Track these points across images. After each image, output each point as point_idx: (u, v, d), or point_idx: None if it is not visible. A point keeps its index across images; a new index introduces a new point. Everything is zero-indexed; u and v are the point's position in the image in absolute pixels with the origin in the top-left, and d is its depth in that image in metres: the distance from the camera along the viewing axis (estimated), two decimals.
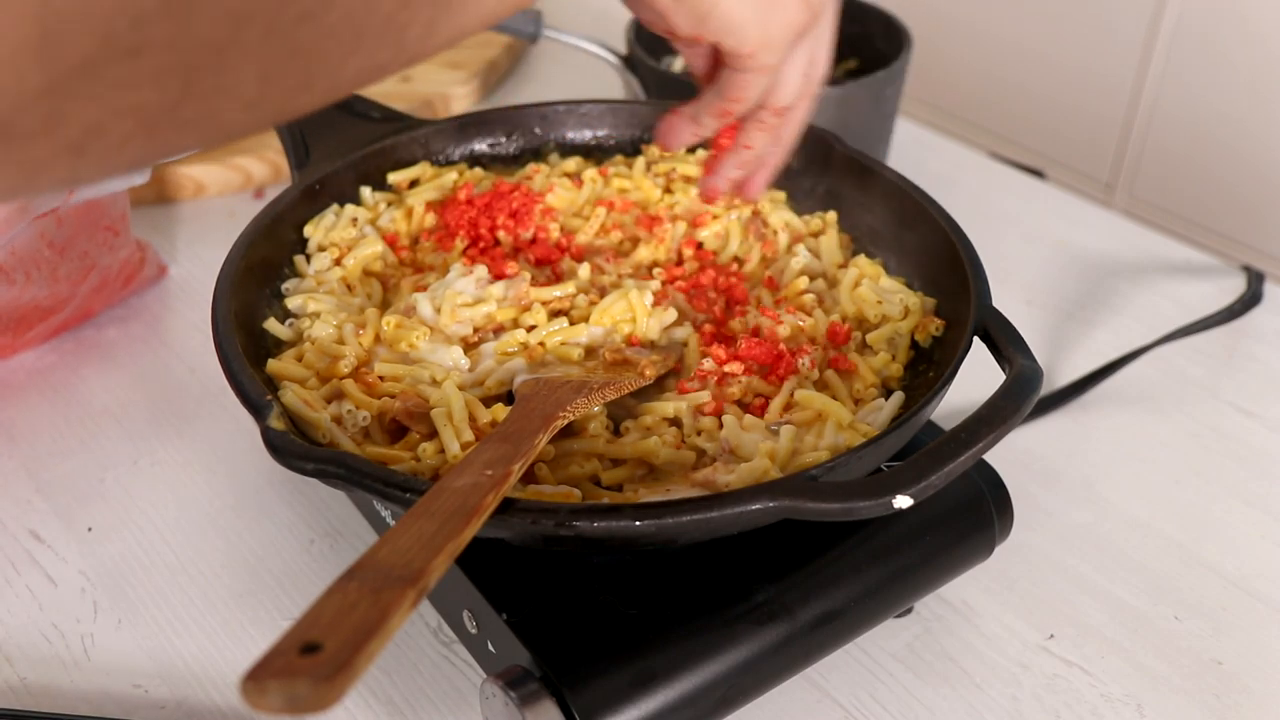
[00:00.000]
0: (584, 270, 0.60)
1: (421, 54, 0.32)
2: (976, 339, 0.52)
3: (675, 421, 0.53)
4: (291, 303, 0.59)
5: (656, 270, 0.62)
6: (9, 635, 0.57)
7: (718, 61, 0.48)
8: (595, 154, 0.72)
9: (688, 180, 0.68)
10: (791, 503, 0.42)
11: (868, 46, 0.94)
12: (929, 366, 0.56)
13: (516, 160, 0.71)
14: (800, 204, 0.68)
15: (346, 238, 0.62)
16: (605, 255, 0.64)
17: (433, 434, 0.50)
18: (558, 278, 0.62)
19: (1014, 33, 1.23)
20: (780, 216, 0.65)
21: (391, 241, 0.64)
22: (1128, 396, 0.74)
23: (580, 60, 1.08)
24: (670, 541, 0.48)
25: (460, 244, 0.63)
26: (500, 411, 0.52)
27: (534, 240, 0.64)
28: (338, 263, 0.61)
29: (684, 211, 0.66)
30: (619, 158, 0.71)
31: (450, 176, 0.67)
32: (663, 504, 0.42)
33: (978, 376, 0.55)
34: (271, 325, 0.57)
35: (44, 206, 0.64)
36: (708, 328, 0.59)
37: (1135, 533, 0.64)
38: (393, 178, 0.67)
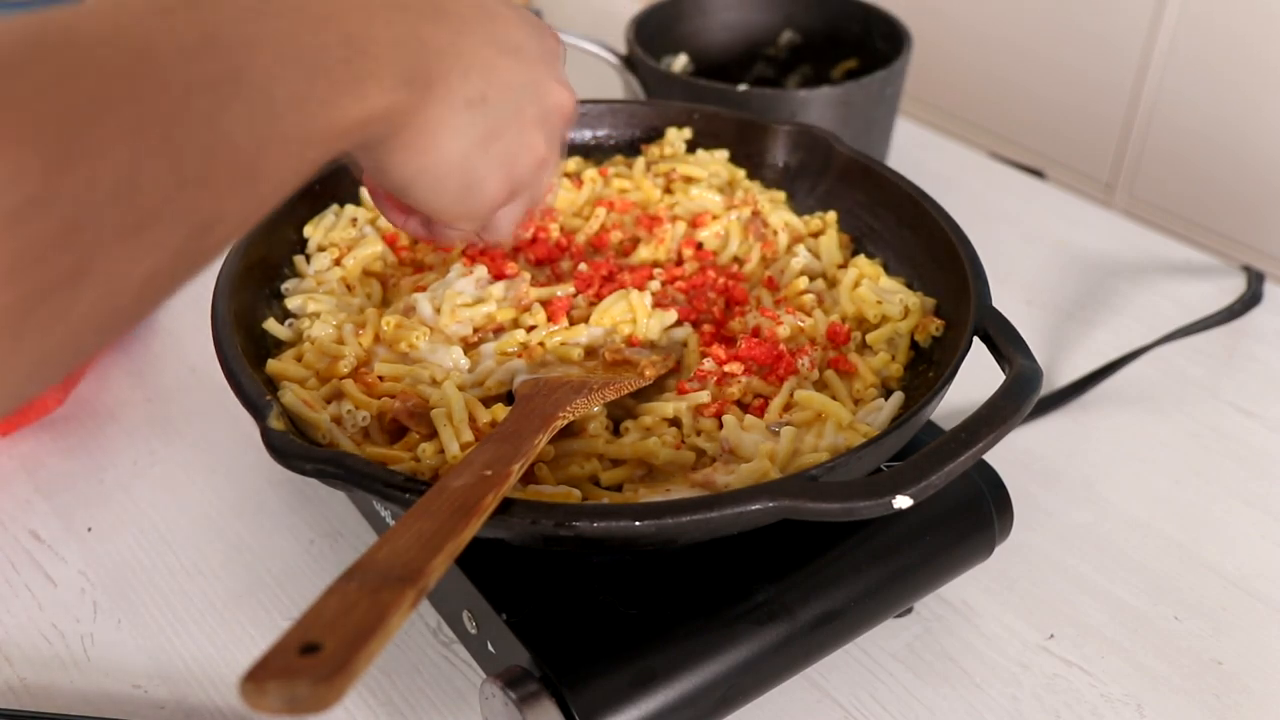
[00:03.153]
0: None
1: (158, 307, 0.32)
2: (976, 339, 0.52)
3: (675, 422, 0.53)
4: (291, 303, 0.59)
5: (657, 270, 0.62)
6: (9, 635, 0.57)
7: None
8: (595, 154, 0.72)
9: (688, 180, 0.68)
10: (791, 503, 0.42)
11: (868, 46, 0.94)
12: (929, 366, 0.56)
13: None
14: (800, 204, 0.68)
15: (346, 238, 0.62)
16: (605, 255, 0.64)
17: (433, 434, 0.50)
18: (558, 278, 0.62)
19: (1014, 33, 1.23)
20: (780, 216, 0.65)
21: (391, 241, 0.64)
22: (1128, 396, 0.74)
23: (580, 60, 1.08)
24: (670, 541, 0.48)
25: (460, 244, 0.63)
26: (500, 411, 0.52)
27: (534, 240, 0.64)
28: (337, 263, 0.61)
29: (684, 212, 0.66)
30: (619, 158, 0.71)
31: None
32: (663, 504, 0.42)
33: (978, 376, 0.55)
34: (271, 325, 0.57)
35: None
36: (707, 328, 0.59)
37: (1135, 533, 0.64)
38: None
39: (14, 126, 0.26)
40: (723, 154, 0.70)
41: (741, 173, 0.69)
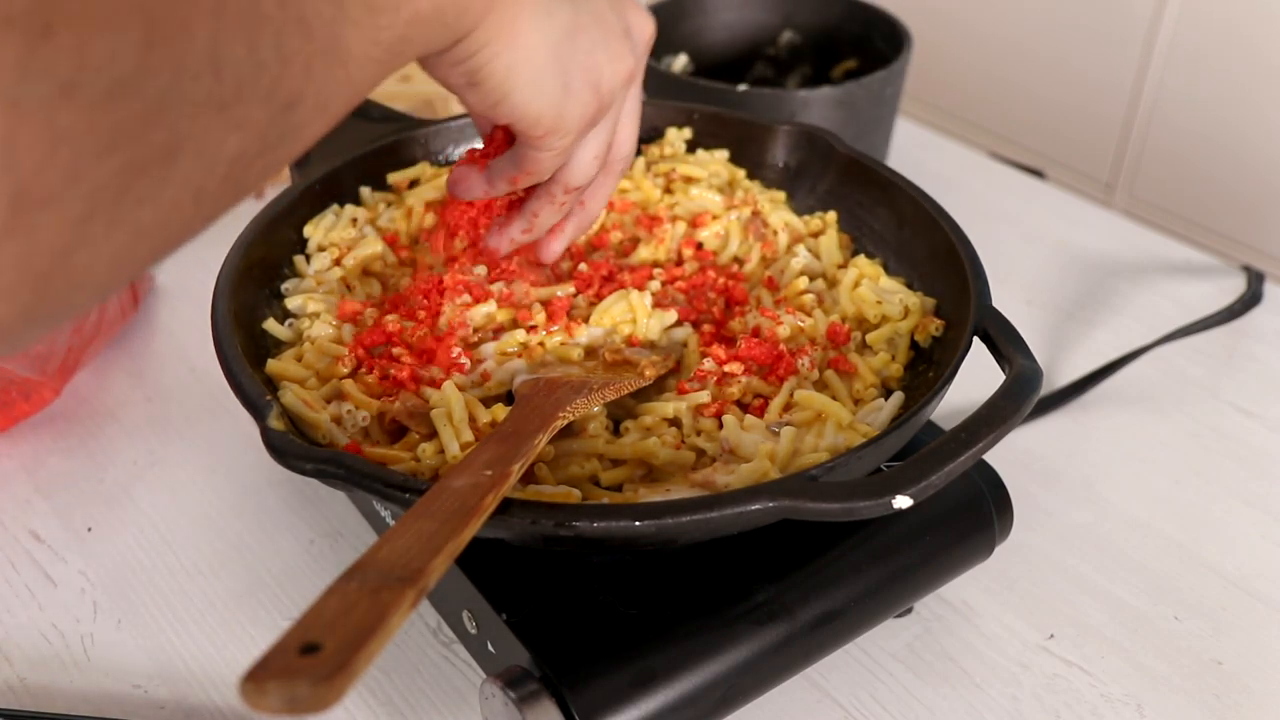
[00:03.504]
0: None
1: (252, 190, 0.34)
2: (976, 339, 0.52)
3: (675, 422, 0.53)
4: (291, 303, 0.59)
5: (657, 270, 0.62)
6: (9, 635, 0.57)
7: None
8: None
9: (688, 180, 0.68)
10: (791, 503, 0.42)
11: (868, 46, 0.94)
12: (929, 366, 0.56)
13: None
14: (800, 204, 0.68)
15: (346, 238, 0.62)
16: (606, 255, 0.64)
17: (432, 434, 0.50)
18: (558, 278, 0.62)
19: (1014, 33, 1.23)
20: (780, 216, 0.65)
21: (391, 241, 0.64)
22: (1128, 396, 0.74)
23: None
24: (670, 542, 0.48)
25: (460, 244, 0.63)
26: (500, 411, 0.52)
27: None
28: (337, 263, 0.61)
29: (684, 212, 0.66)
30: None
31: None
32: (663, 504, 0.42)
33: (978, 376, 0.55)
34: (271, 325, 0.57)
35: None
36: (707, 328, 0.59)
37: (1135, 533, 0.64)
38: (393, 178, 0.67)
39: (110, 9, 0.27)
40: (723, 154, 0.70)
41: (741, 173, 0.69)
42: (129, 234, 0.29)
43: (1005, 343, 0.50)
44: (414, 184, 0.67)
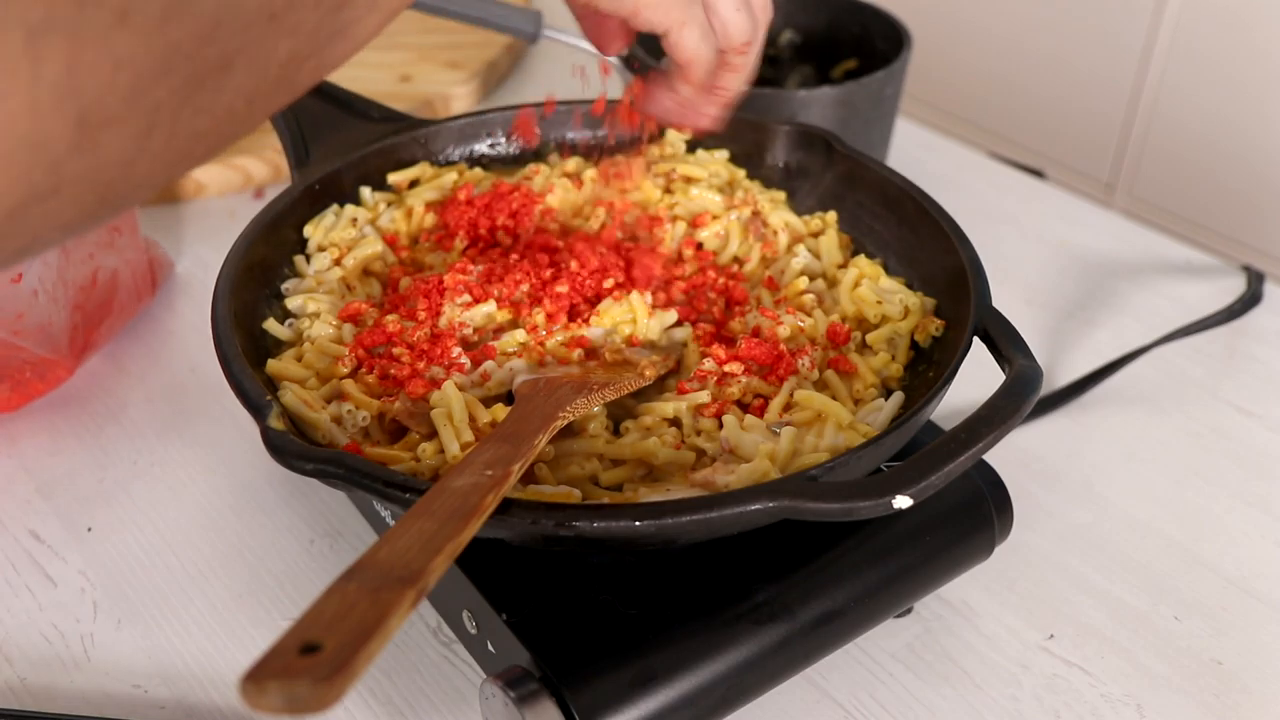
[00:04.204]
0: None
1: (309, 87, 0.35)
2: (976, 339, 0.52)
3: (675, 422, 0.53)
4: (291, 303, 0.59)
5: None
6: (9, 635, 0.57)
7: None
8: (595, 154, 0.72)
9: (688, 180, 0.68)
10: (791, 503, 0.42)
11: (868, 46, 0.94)
12: (929, 366, 0.56)
13: (516, 160, 0.71)
14: (800, 204, 0.68)
15: (346, 238, 0.62)
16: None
17: (433, 434, 0.50)
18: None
19: (1014, 33, 1.23)
20: (780, 216, 0.65)
21: (391, 241, 0.64)
22: (1128, 396, 0.74)
23: (580, 60, 1.08)
24: (670, 542, 0.48)
25: (460, 244, 0.63)
26: (500, 411, 0.52)
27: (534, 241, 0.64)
28: (337, 263, 0.61)
29: (684, 212, 0.66)
30: (619, 158, 0.71)
31: (450, 176, 0.67)
32: (663, 504, 0.42)
33: (978, 376, 0.55)
34: (271, 325, 0.57)
35: None
36: (707, 328, 0.59)
37: (1135, 533, 0.64)
38: (393, 178, 0.67)
39: None
40: (723, 154, 0.70)
41: (741, 173, 0.69)
42: (187, 140, 0.31)
43: (1005, 343, 0.50)
44: (414, 184, 0.67)
